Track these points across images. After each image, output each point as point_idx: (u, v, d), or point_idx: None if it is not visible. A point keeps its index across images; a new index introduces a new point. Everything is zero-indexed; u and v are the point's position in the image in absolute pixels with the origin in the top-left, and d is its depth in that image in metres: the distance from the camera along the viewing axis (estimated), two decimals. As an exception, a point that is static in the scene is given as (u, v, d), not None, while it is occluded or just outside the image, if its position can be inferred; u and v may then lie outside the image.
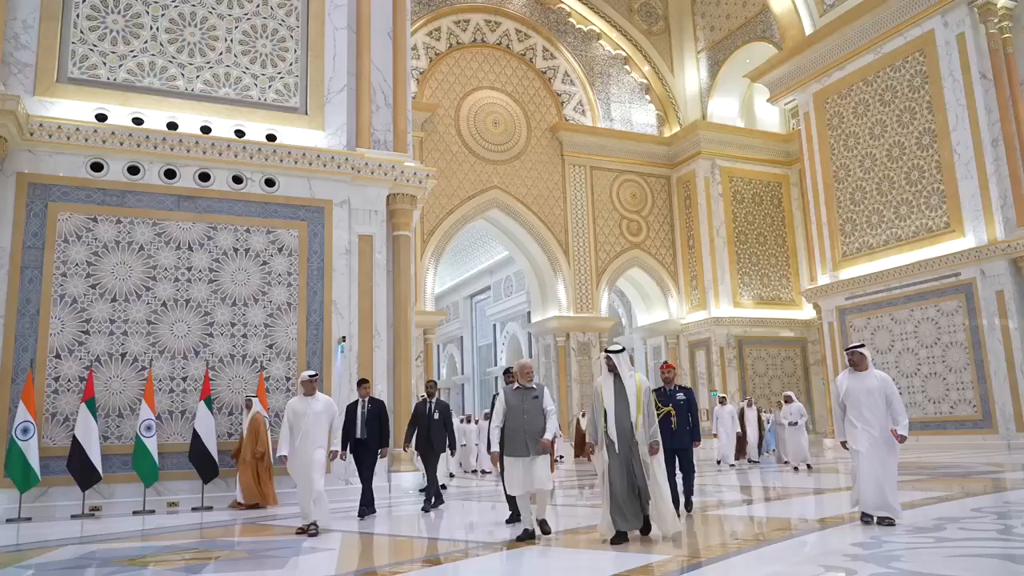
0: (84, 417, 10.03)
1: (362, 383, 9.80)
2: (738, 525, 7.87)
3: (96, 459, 9.93)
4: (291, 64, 12.61)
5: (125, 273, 10.96)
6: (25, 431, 9.73)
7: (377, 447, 9.38)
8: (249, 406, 10.85)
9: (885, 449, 6.90)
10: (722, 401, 18.15)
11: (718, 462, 16.73)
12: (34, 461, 9.73)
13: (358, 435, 9.33)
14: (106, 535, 8.29)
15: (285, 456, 7.83)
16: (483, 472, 17.30)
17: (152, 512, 10.17)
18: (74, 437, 9.95)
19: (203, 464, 10.45)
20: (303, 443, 7.73)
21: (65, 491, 9.97)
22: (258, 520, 9.23)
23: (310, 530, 7.53)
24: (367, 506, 9.21)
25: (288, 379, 11.51)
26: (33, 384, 9.98)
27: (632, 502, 6.41)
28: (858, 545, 5.95)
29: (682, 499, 8.13)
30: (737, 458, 17.57)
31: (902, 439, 6.87)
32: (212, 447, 10.51)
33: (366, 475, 9.33)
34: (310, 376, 8.07)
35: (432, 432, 9.81)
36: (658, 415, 7.66)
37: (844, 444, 7.22)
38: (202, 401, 10.66)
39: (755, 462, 17.58)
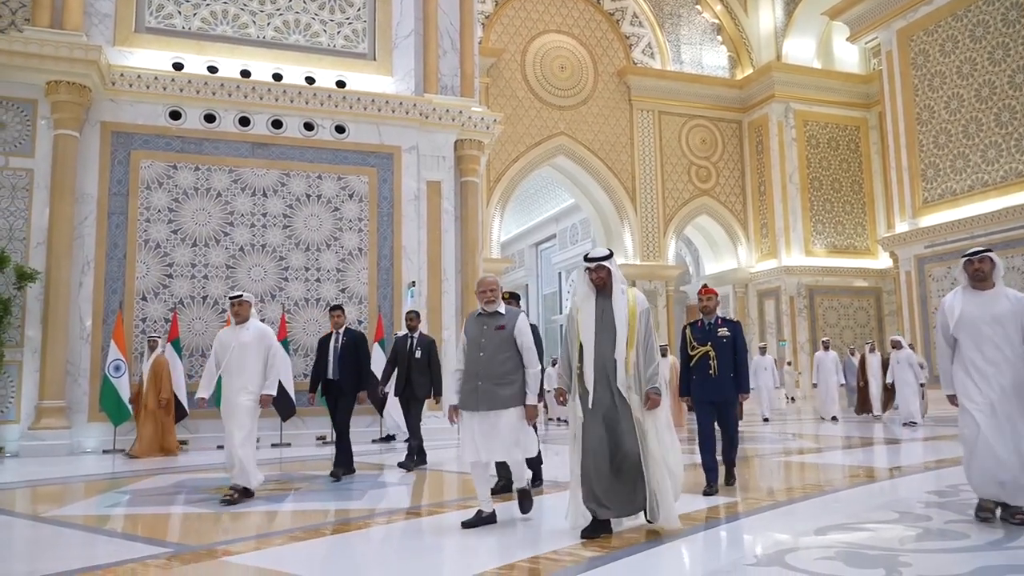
0: (170, 356, 10.54)
1: (334, 310, 8.14)
2: (810, 472, 7.82)
3: (183, 396, 10.45)
4: (359, 9, 12.62)
5: (205, 219, 11.34)
6: (117, 368, 10.29)
7: (354, 390, 7.77)
8: (153, 347, 10.34)
9: (1018, 406, 4.60)
10: (825, 347, 16.23)
11: (830, 417, 15.06)
12: (126, 397, 10.31)
13: (329, 375, 7.82)
14: (194, 466, 8.77)
15: (204, 399, 6.37)
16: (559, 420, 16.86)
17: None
18: (161, 375, 10.48)
19: (281, 403, 10.83)
20: (228, 382, 6.29)
21: (154, 425, 10.54)
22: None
23: (231, 496, 6.01)
24: (344, 465, 7.61)
25: (360, 322, 11.81)
26: (123, 325, 10.51)
27: (616, 479, 4.53)
28: (934, 493, 5.85)
29: (721, 469, 6.34)
30: (860, 412, 15.71)
31: None
32: (290, 387, 10.87)
33: (341, 424, 7.82)
34: (232, 298, 6.48)
35: (413, 373, 8.22)
36: (694, 356, 6.28)
37: (953, 400, 4.91)
38: (279, 342, 11.04)
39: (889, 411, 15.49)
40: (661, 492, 4.49)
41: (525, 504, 5.11)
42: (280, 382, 10.57)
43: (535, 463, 6.49)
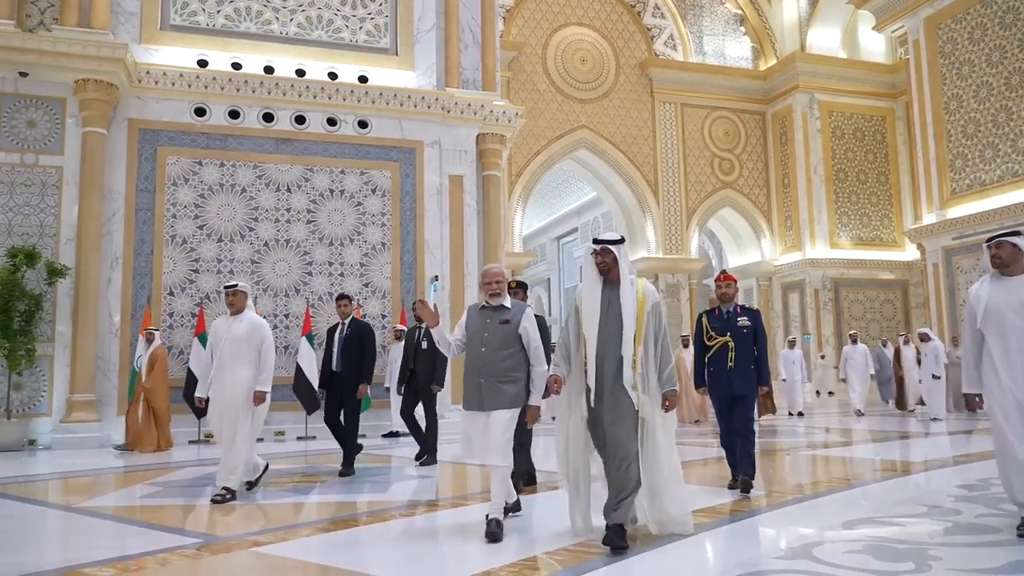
0: (197, 350, 10.65)
1: (340, 299, 7.66)
2: (836, 466, 7.75)
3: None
4: (381, 5, 12.65)
5: (230, 214, 11.45)
6: (145, 362, 10.42)
7: (355, 383, 7.30)
8: (150, 340, 10.24)
9: None
10: (853, 340, 15.99)
11: (858, 412, 14.81)
12: (154, 390, 10.42)
13: (333, 367, 7.38)
14: (220, 459, 8.85)
15: (202, 399, 6.15)
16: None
17: (261, 440, 10.67)
18: (188, 369, 10.61)
19: (306, 397, 10.93)
20: (220, 376, 6.01)
21: (183, 419, 10.63)
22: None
23: (225, 497, 5.78)
24: (348, 465, 7.25)
25: (384, 316, 11.88)
26: (150, 319, 10.65)
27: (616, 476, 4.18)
28: (964, 487, 5.78)
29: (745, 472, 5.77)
30: (900, 407, 15.36)
31: None
32: (314, 380, 10.92)
33: (349, 418, 7.38)
34: (226, 287, 6.20)
35: (417, 364, 7.95)
36: (712, 346, 5.89)
37: (978, 400, 4.45)
38: (304, 337, 11.13)
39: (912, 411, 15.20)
40: (668, 496, 4.27)
41: (492, 532, 4.34)
42: (305, 376, 10.72)
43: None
